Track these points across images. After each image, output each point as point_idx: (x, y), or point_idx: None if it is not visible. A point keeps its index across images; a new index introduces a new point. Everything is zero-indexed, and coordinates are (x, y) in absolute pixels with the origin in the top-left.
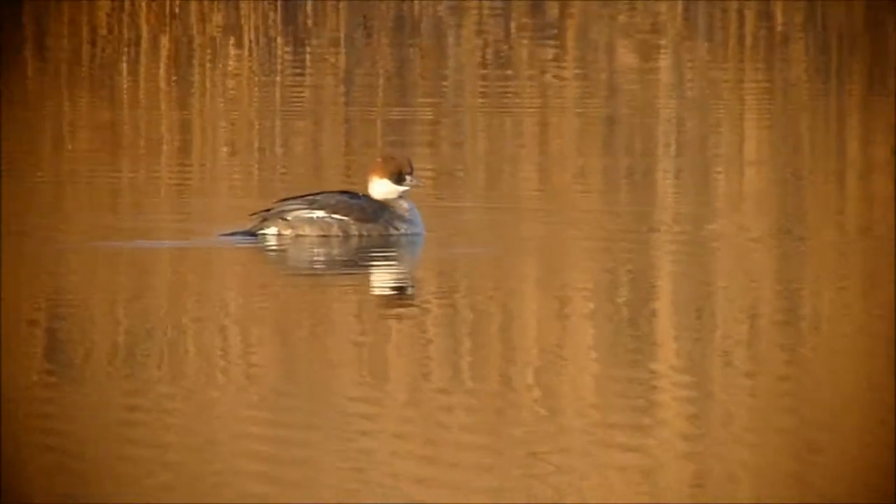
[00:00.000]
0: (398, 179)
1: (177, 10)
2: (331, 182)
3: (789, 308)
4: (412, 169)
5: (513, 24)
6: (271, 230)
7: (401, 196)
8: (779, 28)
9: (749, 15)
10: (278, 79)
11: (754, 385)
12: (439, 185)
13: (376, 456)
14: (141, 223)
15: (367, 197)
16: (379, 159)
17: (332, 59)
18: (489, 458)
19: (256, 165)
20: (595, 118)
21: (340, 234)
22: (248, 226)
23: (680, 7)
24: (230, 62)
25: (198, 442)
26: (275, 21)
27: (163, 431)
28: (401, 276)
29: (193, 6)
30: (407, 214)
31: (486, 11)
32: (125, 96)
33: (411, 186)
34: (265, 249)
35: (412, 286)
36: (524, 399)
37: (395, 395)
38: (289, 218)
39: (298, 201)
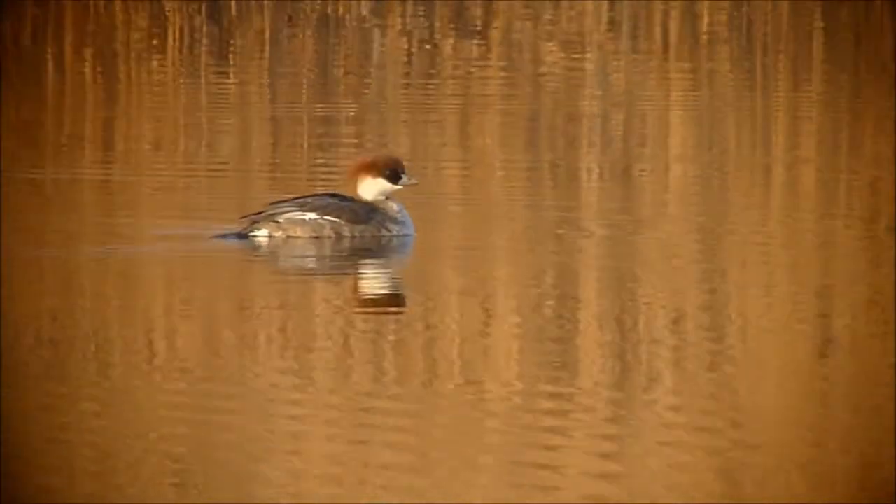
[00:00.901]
0: (394, 178)
1: (102, 10)
2: (260, 178)
3: (713, 311)
4: (404, 167)
5: (437, 24)
6: (262, 232)
7: (388, 197)
8: (704, 28)
9: (674, 15)
10: (203, 77)
11: (679, 402)
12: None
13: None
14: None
15: (356, 199)
16: (370, 159)
17: (257, 57)
18: (410, 456)
19: (181, 162)
20: (519, 115)
21: (333, 235)
22: (239, 228)
23: (605, 7)
24: (154, 62)
25: (120, 427)
26: (200, 21)
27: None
28: (384, 278)
29: (118, 6)
30: (398, 216)
31: (409, 12)
32: (50, 96)
33: (408, 185)
34: (257, 251)
35: (394, 288)
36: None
37: (320, 395)
38: (281, 220)
39: (289, 204)
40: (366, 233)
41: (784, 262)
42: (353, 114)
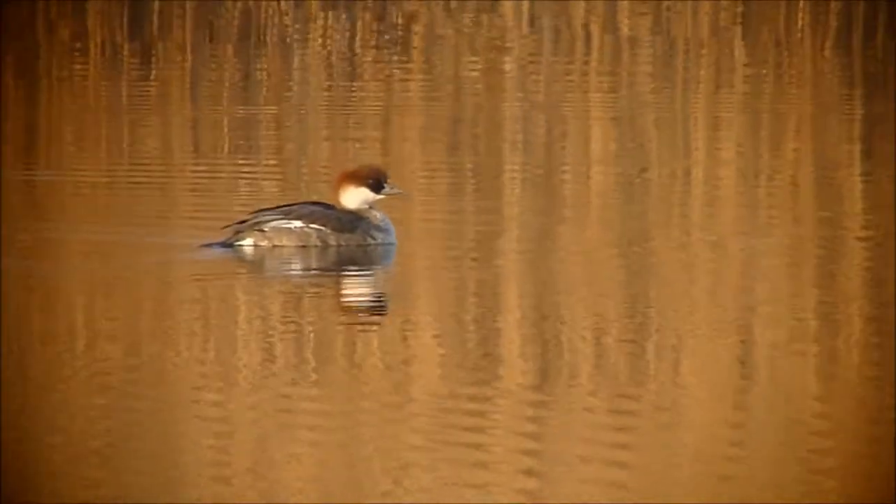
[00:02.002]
0: (376, 187)
1: (23, 16)
2: (182, 177)
3: (633, 318)
4: (387, 176)
5: (358, 30)
6: (247, 241)
7: (371, 206)
8: (626, 33)
9: (595, 21)
10: (125, 80)
11: (595, 403)
12: (286, 187)
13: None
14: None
15: (340, 208)
16: (353, 169)
17: (179, 60)
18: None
19: (104, 163)
20: (440, 118)
21: (319, 243)
22: (224, 237)
23: (525, 12)
24: (77, 66)
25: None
26: (121, 26)
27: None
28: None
29: (41, 7)
30: (382, 224)
31: (330, 21)
32: None
33: (390, 194)
34: (243, 260)
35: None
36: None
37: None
38: (266, 229)
39: (274, 212)
40: (351, 241)
41: (706, 269)
42: (272, 124)
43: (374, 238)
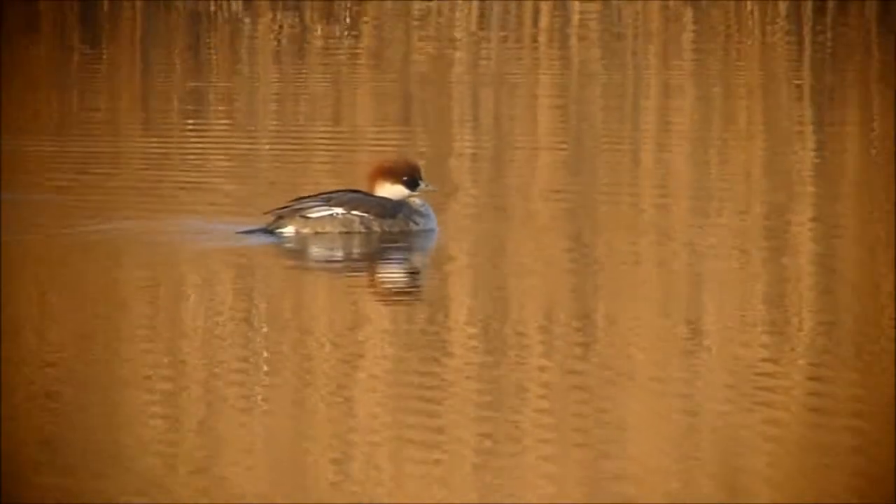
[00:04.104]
0: (411, 185)
1: None
2: (130, 151)
3: (579, 301)
4: (421, 174)
5: (307, 21)
6: (289, 229)
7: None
8: (576, 20)
9: (545, 8)
10: (76, 56)
11: (548, 392)
12: (236, 162)
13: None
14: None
15: (376, 195)
16: (390, 164)
17: (129, 40)
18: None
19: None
20: (390, 96)
21: (363, 229)
22: (264, 224)
23: (475, 6)
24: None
25: None
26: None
27: None
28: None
29: None
30: (422, 209)
31: (279, 12)
32: None
33: (425, 191)
34: (285, 247)
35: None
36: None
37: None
38: (310, 216)
39: (314, 199)
40: (394, 227)
41: (653, 257)
42: (223, 107)
43: (416, 223)
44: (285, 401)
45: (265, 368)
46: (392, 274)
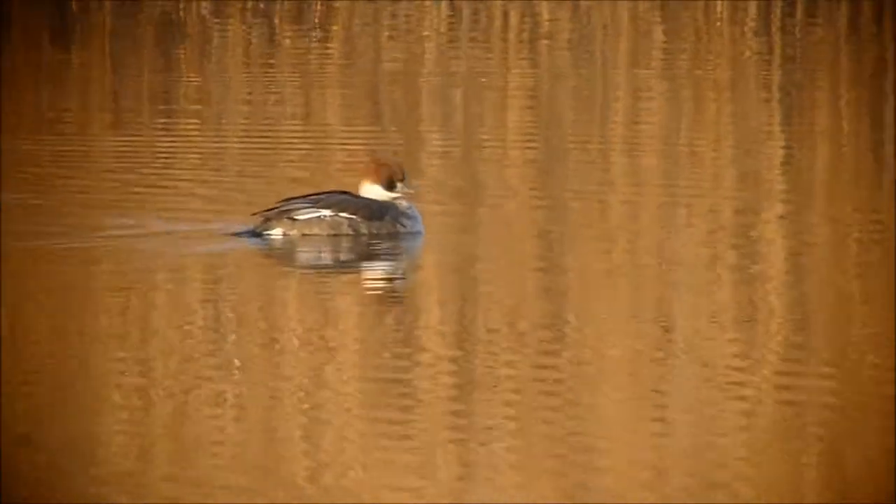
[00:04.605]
0: (389, 186)
1: None
2: (103, 144)
3: (549, 304)
4: (403, 175)
5: (276, 22)
6: (277, 231)
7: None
8: (545, 21)
9: (514, 13)
10: (44, 56)
11: (517, 386)
12: (209, 162)
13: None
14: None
15: (365, 196)
16: (372, 164)
17: (99, 41)
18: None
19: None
20: (359, 95)
21: (350, 231)
22: (252, 225)
23: (444, 8)
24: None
25: None
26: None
27: None
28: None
29: None
30: (409, 212)
31: (249, 13)
32: None
33: (402, 193)
34: (274, 249)
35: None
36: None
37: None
38: (297, 217)
39: (302, 201)
40: (382, 229)
41: (625, 246)
42: (194, 85)
43: (403, 226)
44: (262, 398)
45: (239, 369)
46: (375, 276)
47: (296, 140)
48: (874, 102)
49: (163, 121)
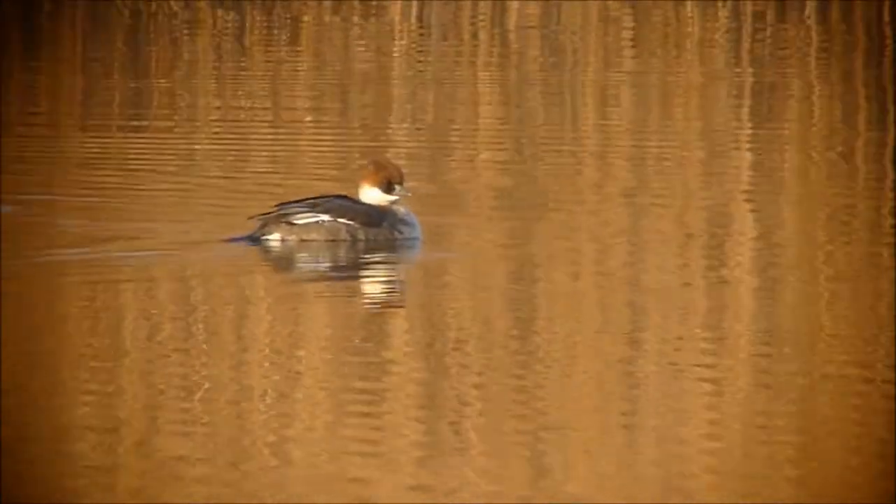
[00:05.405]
0: (388, 188)
1: None
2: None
3: (518, 301)
4: (402, 178)
5: (247, 25)
6: (275, 236)
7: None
8: (514, 20)
9: (483, 14)
10: (14, 64)
11: (486, 387)
12: (186, 165)
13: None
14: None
15: (363, 202)
16: (370, 167)
17: (69, 44)
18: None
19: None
20: (329, 96)
21: (348, 238)
22: (250, 230)
23: (414, 11)
24: None
25: None
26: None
27: None
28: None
29: None
30: (407, 218)
31: (219, 11)
32: None
33: (400, 196)
34: (270, 254)
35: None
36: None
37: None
38: (296, 222)
39: (299, 205)
40: (379, 235)
41: (593, 251)
42: (164, 87)
43: (400, 232)
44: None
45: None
46: (369, 283)
47: (266, 139)
48: (846, 104)
49: (134, 123)
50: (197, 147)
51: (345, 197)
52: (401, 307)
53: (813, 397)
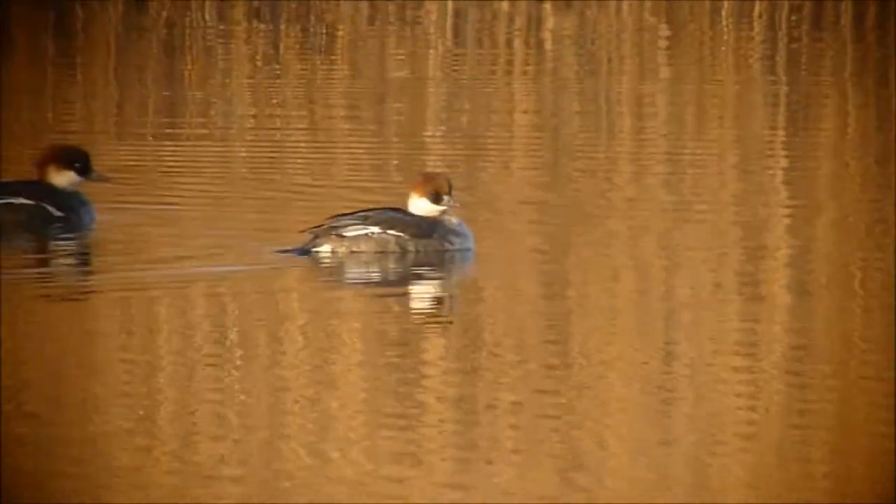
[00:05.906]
0: (436, 199)
1: None
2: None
3: (554, 325)
4: (450, 189)
5: (282, 39)
6: (325, 248)
7: (444, 212)
8: (549, 28)
9: (519, 18)
10: (49, 69)
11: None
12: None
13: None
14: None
15: (414, 214)
16: (420, 178)
17: (104, 53)
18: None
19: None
20: (364, 102)
21: (398, 249)
22: (301, 243)
23: (449, 23)
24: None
25: None
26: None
27: None
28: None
29: None
30: (458, 229)
31: (254, 31)
32: None
33: (448, 207)
34: (321, 267)
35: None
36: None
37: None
38: (346, 234)
39: (350, 217)
40: (429, 247)
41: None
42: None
43: (451, 243)
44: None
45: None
46: (416, 297)
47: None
48: (880, 111)
49: (168, 131)
50: (233, 155)
51: (397, 209)
52: (440, 318)
53: (847, 400)
